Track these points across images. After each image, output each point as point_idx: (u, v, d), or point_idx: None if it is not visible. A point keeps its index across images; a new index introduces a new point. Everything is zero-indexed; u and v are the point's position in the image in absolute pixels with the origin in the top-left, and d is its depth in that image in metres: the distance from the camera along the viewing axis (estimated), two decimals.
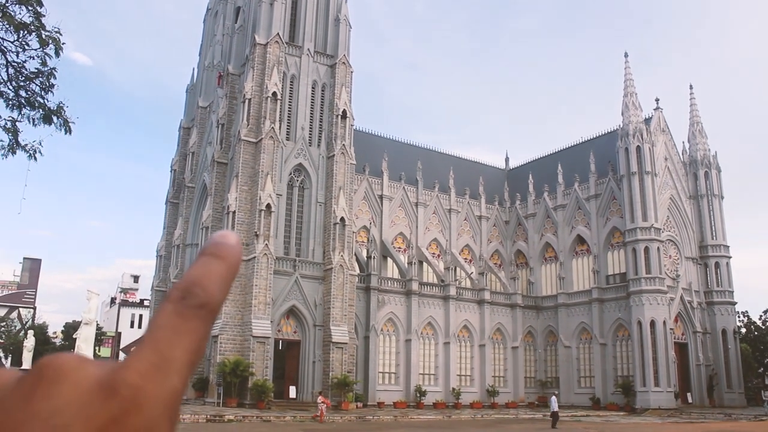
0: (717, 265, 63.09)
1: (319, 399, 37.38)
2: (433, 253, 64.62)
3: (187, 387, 0.60)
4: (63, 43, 11.65)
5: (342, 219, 49.83)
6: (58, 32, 11.60)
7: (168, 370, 0.63)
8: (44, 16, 11.54)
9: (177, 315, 0.67)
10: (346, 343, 47.72)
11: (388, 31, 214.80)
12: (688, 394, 57.02)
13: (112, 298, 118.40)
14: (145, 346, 0.65)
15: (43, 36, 11.47)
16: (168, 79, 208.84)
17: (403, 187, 63.66)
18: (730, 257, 63.67)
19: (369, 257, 56.02)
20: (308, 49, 53.91)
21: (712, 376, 59.23)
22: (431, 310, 57.67)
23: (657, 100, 64.66)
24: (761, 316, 79.38)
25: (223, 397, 42.39)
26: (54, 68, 11.83)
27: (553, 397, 39.00)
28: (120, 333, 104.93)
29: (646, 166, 57.95)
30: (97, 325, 62.04)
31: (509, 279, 65.95)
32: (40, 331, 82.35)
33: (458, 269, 63.53)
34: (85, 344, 33.03)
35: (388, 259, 61.27)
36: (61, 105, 12.01)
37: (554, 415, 37.14)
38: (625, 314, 57.10)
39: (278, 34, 51.61)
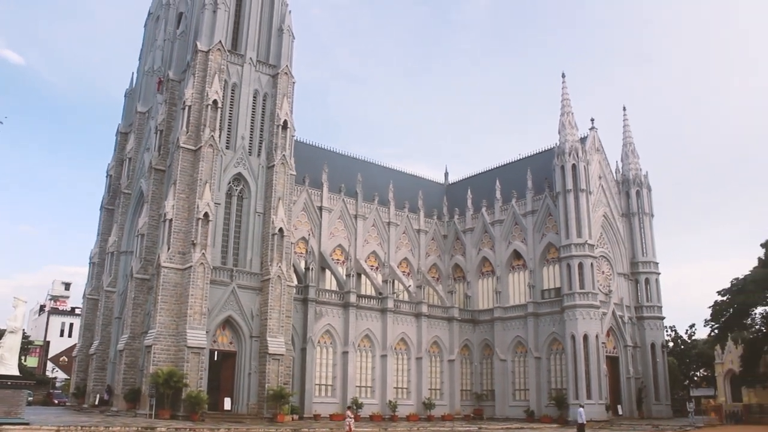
0: (647, 281, 64.99)
1: (348, 413, 37.02)
2: (372, 266, 64.79)
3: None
4: None
5: (281, 230, 49.53)
6: None
7: None
8: None
9: None
10: (282, 355, 47.34)
11: (331, 43, 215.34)
12: (619, 406, 58.41)
13: (41, 306, 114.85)
14: None
15: None
16: (106, 82, 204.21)
17: (343, 199, 63.71)
18: (659, 273, 65.64)
19: (307, 269, 55.78)
20: (250, 58, 53.60)
21: (641, 388, 60.89)
22: (369, 322, 57.71)
23: (592, 120, 66.63)
24: (687, 330, 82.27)
25: (155, 408, 41.41)
26: None
27: (581, 409, 39.46)
28: (48, 342, 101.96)
29: (581, 183, 59.46)
30: (24, 333, 60.12)
31: (447, 293, 66.52)
32: None
33: (396, 282, 63.80)
34: (9, 354, 31.76)
35: (327, 270, 61.08)
36: None
37: (580, 428, 37.43)
38: (559, 328, 58.28)
39: (221, 41, 51.18)
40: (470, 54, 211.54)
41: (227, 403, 45.71)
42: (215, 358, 46.44)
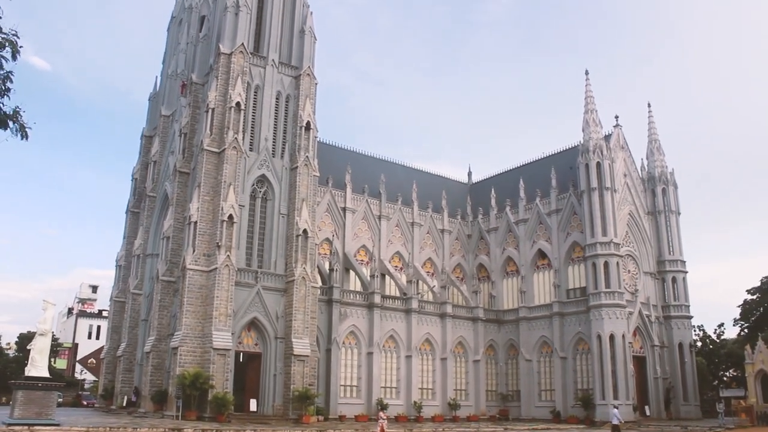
0: (674, 279, 64.25)
1: (381, 414, 36.97)
2: (396, 266, 64.71)
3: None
4: (20, 47, 11.47)
5: (305, 231, 49.63)
6: (15, 35, 11.41)
7: None
8: (0, 17, 11.36)
9: None
10: (307, 356, 47.42)
11: (352, 45, 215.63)
12: (646, 407, 57.84)
13: (69, 309, 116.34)
14: None
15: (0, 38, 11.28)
16: (130, 87, 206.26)
17: (366, 200, 63.70)
18: (686, 272, 64.85)
19: (331, 270, 55.87)
20: (273, 60, 53.81)
21: (669, 388, 60.19)
22: (393, 323, 57.65)
23: (617, 117, 66.00)
24: (716, 329, 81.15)
25: (182, 410, 41.70)
26: (10, 72, 11.63)
27: (615, 410, 39.05)
28: (77, 344, 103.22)
29: (606, 182, 58.88)
30: (53, 336, 60.85)
31: (471, 292, 66.25)
32: None
33: (420, 282, 63.65)
34: (39, 356, 32.16)
35: (351, 271, 61.10)
36: (17, 109, 11.79)
37: (615, 429, 37.13)
38: (585, 328, 57.77)
39: (243, 44, 51.44)
40: (491, 53, 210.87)
41: (253, 405, 45.90)
42: (241, 360, 46.67)
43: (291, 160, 52.07)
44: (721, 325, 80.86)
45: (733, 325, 70.05)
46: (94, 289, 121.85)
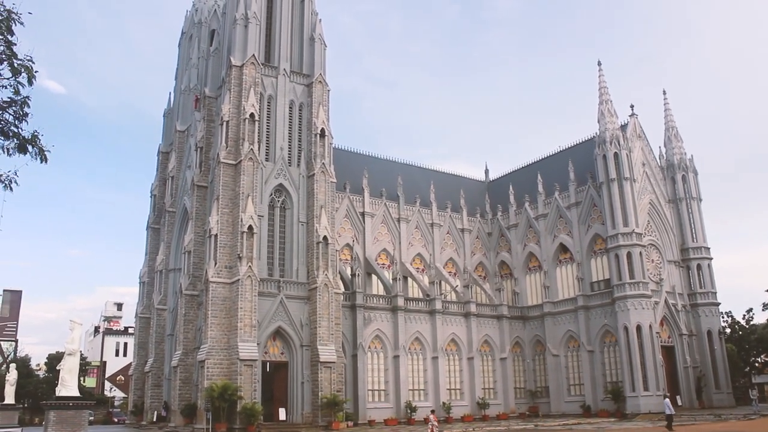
0: (699, 267, 63.48)
1: (431, 416, 36.82)
2: (418, 268, 64.59)
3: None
4: (36, 72, 11.59)
5: (325, 238, 49.69)
6: (30, 60, 11.54)
7: None
8: (15, 44, 11.49)
9: None
10: (334, 362, 47.45)
11: (362, 50, 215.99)
12: (677, 397, 57.07)
13: (95, 327, 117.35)
14: None
15: (15, 65, 11.42)
16: (144, 104, 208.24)
17: (385, 204, 63.67)
18: (711, 259, 64.10)
19: (353, 275, 55.86)
20: (284, 69, 53.98)
21: (700, 377, 59.47)
22: (418, 325, 57.51)
23: (632, 106, 65.37)
24: (744, 315, 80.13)
25: (212, 422, 41.87)
26: (27, 97, 11.78)
27: (667, 400, 39.05)
28: (105, 362, 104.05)
29: (625, 172, 58.40)
30: (81, 355, 61.38)
31: (494, 290, 65.99)
32: (23, 364, 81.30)
33: (443, 283, 63.45)
34: (69, 375, 32.33)
35: (373, 275, 61.10)
36: (35, 134, 11.93)
37: (669, 418, 37.27)
38: (611, 320, 57.31)
39: (254, 55, 51.65)
40: (504, 51, 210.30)
41: (282, 414, 46.00)
42: (268, 370, 46.79)
43: (307, 167, 52.19)
44: (750, 310, 79.86)
45: (763, 310, 69.14)
46: (119, 306, 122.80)
